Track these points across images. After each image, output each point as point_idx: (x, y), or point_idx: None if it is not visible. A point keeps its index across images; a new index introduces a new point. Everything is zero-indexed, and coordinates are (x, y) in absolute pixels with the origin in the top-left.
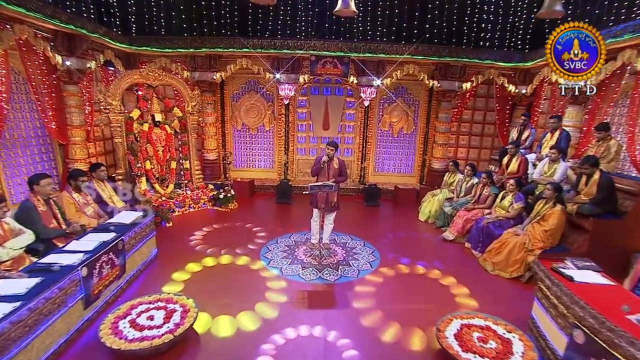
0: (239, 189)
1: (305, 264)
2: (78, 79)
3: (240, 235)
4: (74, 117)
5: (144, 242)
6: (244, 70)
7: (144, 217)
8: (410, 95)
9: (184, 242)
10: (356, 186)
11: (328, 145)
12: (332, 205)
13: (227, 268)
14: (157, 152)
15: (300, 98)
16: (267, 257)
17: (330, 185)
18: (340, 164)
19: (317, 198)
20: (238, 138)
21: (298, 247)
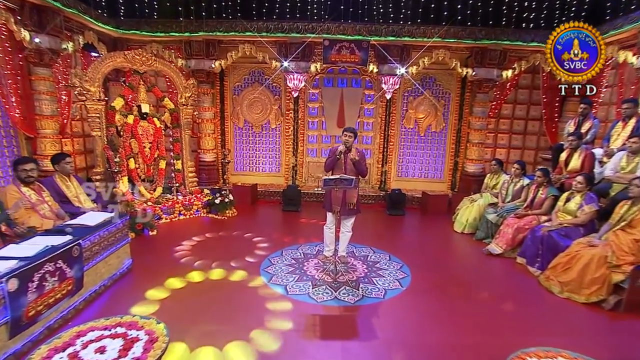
0: (239, 194)
1: (317, 281)
2: (50, 60)
3: (238, 246)
4: (44, 106)
5: (112, 251)
6: (247, 58)
7: (114, 219)
8: (439, 86)
9: (168, 253)
10: (376, 193)
11: (345, 132)
12: (351, 207)
13: (218, 285)
14: (143, 148)
15: (311, 91)
16: (268, 272)
17: (350, 180)
18: (360, 155)
19: (332, 198)
20: (239, 137)
21: (308, 261)
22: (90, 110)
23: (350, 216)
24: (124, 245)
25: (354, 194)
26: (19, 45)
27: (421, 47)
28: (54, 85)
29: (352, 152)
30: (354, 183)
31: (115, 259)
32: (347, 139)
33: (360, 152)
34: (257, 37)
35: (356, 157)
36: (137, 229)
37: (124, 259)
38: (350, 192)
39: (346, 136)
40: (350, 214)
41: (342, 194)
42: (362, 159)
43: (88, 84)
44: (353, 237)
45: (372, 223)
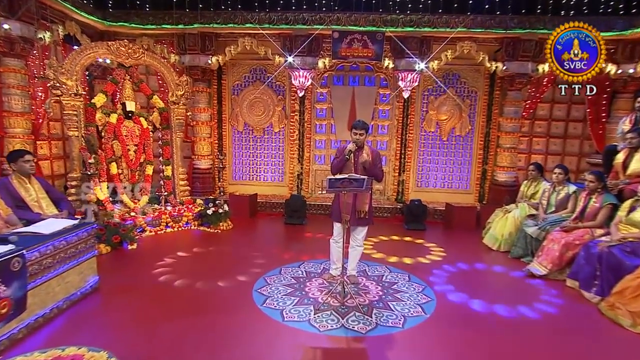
0: (236, 205)
1: (321, 304)
2: (22, 50)
3: (229, 263)
4: (14, 102)
5: (71, 265)
6: (248, 53)
7: (77, 226)
8: (464, 84)
9: (146, 270)
10: (392, 205)
11: (355, 128)
12: (362, 216)
13: (200, 309)
14: (127, 151)
15: (319, 90)
16: (262, 292)
17: (360, 180)
18: (374, 156)
19: (340, 204)
20: (239, 142)
21: (311, 281)
22: (66, 107)
23: (361, 227)
24: (88, 259)
25: (366, 199)
26: None
27: (443, 39)
28: (26, 78)
29: (365, 151)
30: (366, 184)
31: (76, 275)
32: (358, 137)
33: (375, 152)
34: (259, 29)
35: (369, 158)
36: (114, 242)
37: (87, 276)
38: (362, 197)
39: (356, 134)
40: (361, 224)
41: (351, 199)
42: (377, 160)
43: (64, 76)
44: (365, 254)
45: (386, 238)
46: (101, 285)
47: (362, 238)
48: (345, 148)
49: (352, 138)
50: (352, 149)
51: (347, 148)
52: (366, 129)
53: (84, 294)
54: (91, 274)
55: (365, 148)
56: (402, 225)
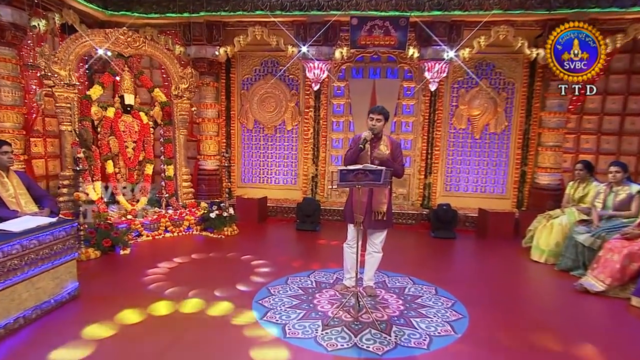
0: (243, 209)
1: (330, 319)
2: (14, 38)
3: (230, 271)
4: (4, 94)
5: (43, 269)
6: (258, 44)
7: (53, 224)
8: (500, 74)
9: (136, 276)
10: (417, 211)
11: (372, 113)
12: (380, 217)
13: (189, 320)
14: (125, 148)
15: (336, 84)
16: (263, 304)
17: (377, 172)
18: (393, 147)
19: (353, 203)
20: (248, 141)
21: (321, 292)
22: (59, 99)
23: (378, 230)
24: (66, 262)
25: (384, 197)
26: None
27: (476, 24)
28: (17, 68)
29: (383, 142)
30: (384, 178)
31: (50, 280)
32: (375, 122)
33: (395, 143)
34: (270, 17)
35: (387, 150)
36: (104, 246)
37: (65, 282)
38: (379, 195)
39: (373, 119)
40: (379, 227)
41: (367, 197)
42: (398, 152)
43: (57, 66)
44: (386, 263)
45: (412, 247)
46: (82, 292)
47: (381, 243)
48: (360, 138)
49: (369, 124)
50: (368, 138)
51: (362, 137)
52: (385, 114)
53: (59, 302)
54: (69, 280)
55: (383, 138)
56: (428, 233)
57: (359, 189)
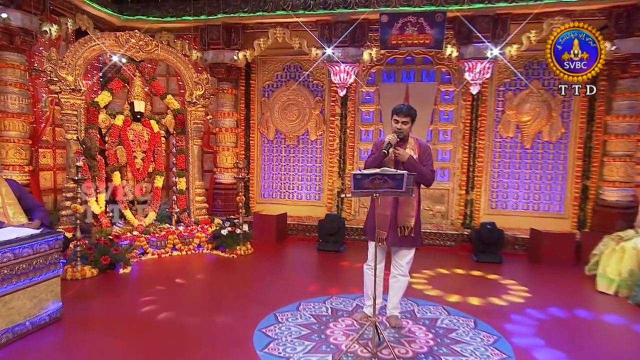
0: (261, 226)
1: (343, 353)
2: (23, 44)
3: (236, 294)
4: (11, 101)
5: (20, 286)
6: (280, 47)
7: (34, 236)
8: (554, 74)
9: (130, 298)
10: (458, 231)
11: (397, 113)
12: (406, 233)
13: (176, 351)
14: (133, 159)
15: (365, 89)
16: (267, 333)
17: (398, 177)
18: (421, 150)
19: (375, 217)
20: (269, 152)
21: (336, 321)
22: (65, 106)
23: (405, 248)
24: (47, 279)
25: (411, 209)
26: None
27: (525, 17)
28: (26, 75)
29: (409, 145)
30: (407, 184)
31: (27, 300)
32: (401, 125)
33: (424, 146)
34: (292, 16)
35: (415, 154)
36: (103, 264)
37: (45, 302)
38: (405, 206)
39: (398, 121)
40: (405, 245)
41: (390, 209)
42: (426, 156)
43: (64, 71)
44: (416, 289)
45: (447, 272)
46: (66, 314)
47: (407, 264)
48: (383, 142)
49: (393, 127)
50: (393, 141)
51: (386, 141)
52: (412, 115)
53: (37, 325)
54: (51, 300)
55: (410, 141)
56: (470, 256)
57: (380, 199)
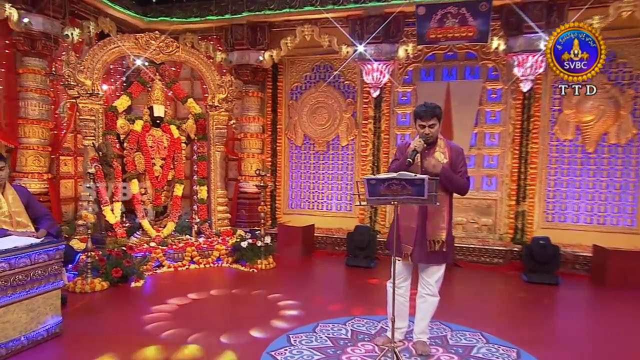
0: (285, 238)
1: None
2: (44, 48)
3: (249, 312)
4: (31, 108)
5: (15, 299)
6: (309, 46)
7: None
8: (623, 66)
9: (138, 314)
10: (506, 247)
11: (420, 117)
12: (434, 247)
13: None
14: (152, 166)
15: (401, 89)
16: (276, 356)
17: (418, 182)
18: (453, 154)
19: (399, 229)
20: (297, 159)
21: (355, 345)
22: (83, 111)
23: (433, 265)
24: (46, 292)
25: (442, 220)
26: (6, 29)
27: (586, 1)
28: (46, 81)
29: (439, 148)
30: (429, 190)
31: (23, 313)
32: (427, 130)
33: (455, 149)
34: (322, 12)
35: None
36: (114, 277)
37: (44, 316)
38: (435, 217)
39: (423, 125)
40: (433, 261)
41: (417, 220)
42: (459, 161)
43: (83, 75)
44: (451, 311)
45: (493, 293)
46: (67, 329)
47: (436, 283)
48: (408, 146)
49: (418, 131)
50: (419, 148)
51: (411, 146)
52: (438, 115)
53: (33, 341)
54: (50, 314)
55: (439, 144)
56: (520, 275)
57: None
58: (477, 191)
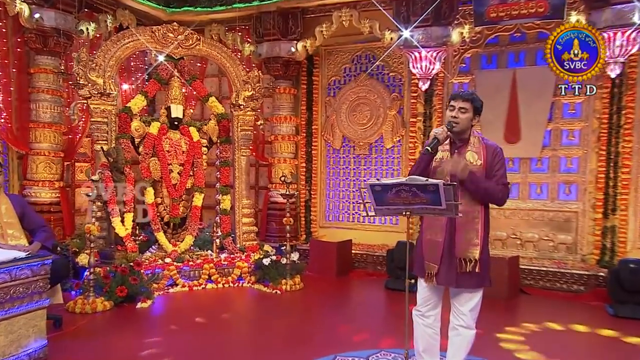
0: (318, 256)
1: None
2: (57, 45)
3: (257, 341)
4: (42, 110)
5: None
6: (348, 33)
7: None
8: None
9: (135, 339)
10: (589, 270)
11: (454, 99)
12: (468, 267)
13: None
14: (168, 173)
15: (456, 80)
16: None
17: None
18: (489, 155)
19: (423, 244)
20: (335, 165)
21: None
22: (94, 113)
23: (466, 290)
24: (30, 312)
25: (474, 234)
26: (15, 24)
27: None
28: (59, 81)
29: (472, 146)
30: (446, 199)
31: (2, 336)
32: (457, 113)
33: (493, 148)
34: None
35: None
36: (119, 296)
37: (26, 340)
38: (465, 230)
39: (454, 108)
40: (466, 285)
41: (444, 233)
42: (495, 163)
43: (94, 73)
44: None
45: (566, 328)
46: (53, 355)
47: (472, 312)
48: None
49: (447, 115)
50: (441, 136)
51: (432, 133)
52: (473, 102)
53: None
54: (33, 337)
55: (472, 142)
56: (605, 307)
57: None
58: (552, 202)
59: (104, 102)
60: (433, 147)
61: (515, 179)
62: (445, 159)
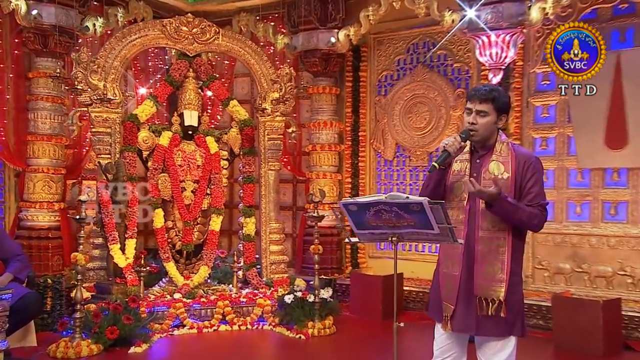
0: (359, 292)
1: None
2: (58, 46)
3: None
4: (41, 120)
5: None
6: (400, 17)
7: None
8: None
9: None
10: None
11: (470, 99)
12: (491, 309)
13: None
14: (181, 191)
15: (539, 69)
16: None
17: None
18: (518, 167)
19: (440, 279)
20: (387, 178)
21: None
22: (96, 122)
23: (492, 339)
24: None
25: (499, 268)
26: (12, 23)
27: None
28: (60, 86)
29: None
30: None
31: None
32: (474, 118)
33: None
34: None
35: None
36: (109, 339)
37: None
38: (487, 261)
39: (471, 111)
40: (491, 332)
41: (460, 266)
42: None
43: (96, 75)
44: None
45: None
46: None
47: None
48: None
49: (465, 120)
50: (451, 148)
51: (441, 144)
52: (496, 101)
53: None
54: None
55: (498, 149)
56: None
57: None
58: None
59: (106, 110)
60: (441, 163)
61: (622, 196)
62: (463, 172)
